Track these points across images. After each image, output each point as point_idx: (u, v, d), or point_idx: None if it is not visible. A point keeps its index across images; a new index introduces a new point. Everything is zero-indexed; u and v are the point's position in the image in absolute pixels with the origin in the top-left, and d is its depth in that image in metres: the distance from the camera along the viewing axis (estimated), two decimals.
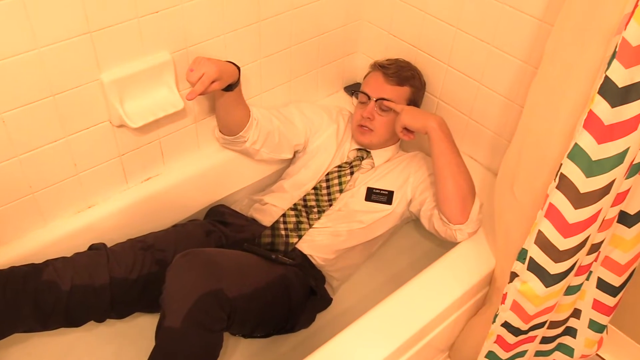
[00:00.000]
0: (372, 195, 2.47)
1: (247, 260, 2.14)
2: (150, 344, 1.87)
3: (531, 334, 2.10)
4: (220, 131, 2.49)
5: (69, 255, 2.11)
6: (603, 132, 1.59)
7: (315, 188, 2.50)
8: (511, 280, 1.96)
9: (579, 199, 1.70)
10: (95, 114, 2.10)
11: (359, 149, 2.59)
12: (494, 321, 2.10)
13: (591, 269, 2.05)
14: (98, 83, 2.04)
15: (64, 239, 2.22)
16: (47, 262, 2.05)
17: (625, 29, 1.49)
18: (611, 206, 1.81)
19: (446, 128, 2.29)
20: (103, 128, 2.15)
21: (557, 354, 2.37)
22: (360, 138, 2.55)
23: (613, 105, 1.56)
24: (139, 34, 2.05)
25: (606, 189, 1.68)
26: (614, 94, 1.54)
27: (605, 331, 2.29)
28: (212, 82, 2.13)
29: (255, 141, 2.46)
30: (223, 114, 2.40)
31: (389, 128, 2.51)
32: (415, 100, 2.56)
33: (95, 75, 2.02)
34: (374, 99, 2.49)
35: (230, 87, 2.26)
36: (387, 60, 2.61)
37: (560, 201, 1.72)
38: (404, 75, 2.52)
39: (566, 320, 2.21)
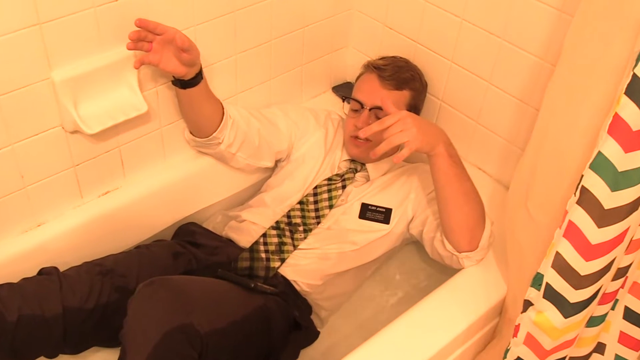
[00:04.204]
0: (367, 212, 2.46)
1: (221, 289, 2.13)
2: None
3: None
4: (190, 132, 2.47)
5: (15, 281, 2.08)
6: (631, 139, 1.58)
7: (300, 202, 2.48)
8: (525, 310, 1.95)
9: (603, 216, 1.68)
10: (45, 118, 2.09)
11: (352, 160, 2.59)
12: (505, 357, 2.09)
13: (617, 297, 2.04)
14: (48, 82, 2.02)
15: (10, 262, 2.20)
16: None
17: None
18: None
19: (453, 149, 2.21)
20: (54, 134, 2.14)
21: None
22: (354, 152, 2.55)
23: None
24: (95, 26, 2.03)
25: (634, 205, 1.67)
26: None
27: None
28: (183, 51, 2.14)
29: (230, 144, 2.45)
30: (191, 112, 2.38)
31: None
32: (416, 105, 2.56)
33: (45, 74, 2.01)
34: (369, 108, 2.47)
35: (193, 82, 2.26)
36: (382, 59, 2.60)
37: (581, 218, 1.71)
38: (403, 77, 2.50)
39: (588, 355, 2.21)
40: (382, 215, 2.45)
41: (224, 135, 2.42)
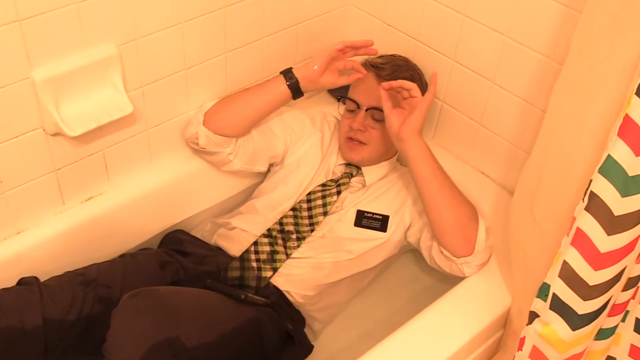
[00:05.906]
0: (363, 219, 2.45)
1: (210, 300, 2.12)
2: None
3: None
4: (207, 127, 2.44)
5: None
6: None
7: (293, 209, 2.48)
8: (530, 322, 1.95)
9: (613, 223, 1.68)
10: (25, 119, 2.08)
11: (347, 164, 2.58)
12: None
13: (628, 308, 2.04)
14: (29, 82, 2.01)
15: None
16: None
17: None
18: None
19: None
20: (35, 137, 2.13)
21: None
22: (349, 154, 2.54)
23: None
24: (78, 23, 2.03)
25: None
26: None
27: None
28: None
29: (233, 151, 2.47)
30: (256, 112, 2.44)
31: (385, 141, 2.49)
32: None
33: (26, 73, 2.00)
34: (365, 108, 2.46)
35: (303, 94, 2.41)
36: (380, 57, 2.58)
37: (590, 226, 1.71)
38: (402, 77, 2.47)
39: None
40: (378, 222, 2.44)
41: (237, 143, 2.45)
